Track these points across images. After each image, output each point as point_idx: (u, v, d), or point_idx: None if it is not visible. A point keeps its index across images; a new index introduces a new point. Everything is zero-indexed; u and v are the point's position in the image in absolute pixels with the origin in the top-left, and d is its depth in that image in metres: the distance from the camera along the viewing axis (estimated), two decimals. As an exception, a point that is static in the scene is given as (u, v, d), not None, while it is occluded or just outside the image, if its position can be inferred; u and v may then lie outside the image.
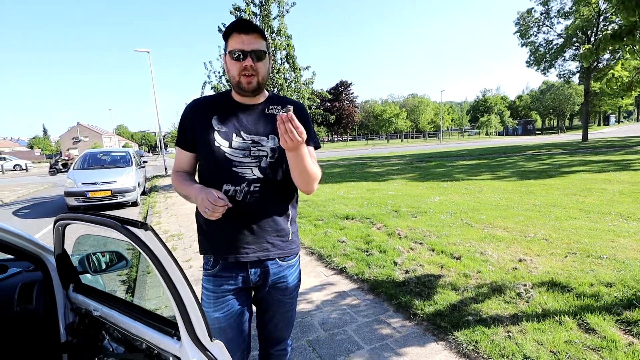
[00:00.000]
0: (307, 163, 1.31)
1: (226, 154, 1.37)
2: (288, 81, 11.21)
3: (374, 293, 3.36)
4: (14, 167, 32.27)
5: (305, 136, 1.19)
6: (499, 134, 66.01)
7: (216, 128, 1.39)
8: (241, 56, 1.32)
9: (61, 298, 1.65)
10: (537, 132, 67.20)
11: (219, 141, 1.37)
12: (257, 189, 1.37)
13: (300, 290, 3.46)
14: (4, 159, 33.67)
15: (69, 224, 1.47)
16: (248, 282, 1.45)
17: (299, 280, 1.61)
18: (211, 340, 1.14)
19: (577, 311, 2.68)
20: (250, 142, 1.38)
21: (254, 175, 1.37)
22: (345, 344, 2.59)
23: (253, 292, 1.55)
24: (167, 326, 1.23)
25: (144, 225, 1.05)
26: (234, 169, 1.36)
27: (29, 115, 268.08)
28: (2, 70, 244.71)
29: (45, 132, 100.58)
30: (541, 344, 2.35)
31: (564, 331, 2.47)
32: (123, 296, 3.74)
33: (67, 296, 1.64)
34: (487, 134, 62.88)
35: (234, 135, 1.38)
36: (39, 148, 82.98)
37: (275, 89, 11.21)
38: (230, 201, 1.33)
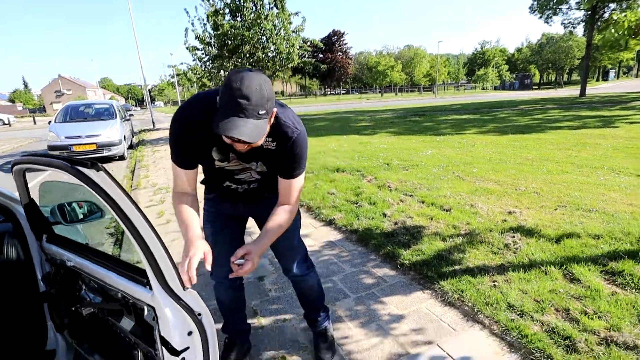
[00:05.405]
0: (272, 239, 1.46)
1: (226, 169, 1.48)
2: (277, 28, 10.62)
3: (362, 244, 3.35)
4: (-4, 122, 31.26)
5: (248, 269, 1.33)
6: (496, 88, 65.02)
7: (215, 158, 1.41)
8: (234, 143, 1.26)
9: (35, 249, 1.64)
10: (534, 87, 66.29)
11: (218, 163, 1.45)
12: (255, 185, 1.56)
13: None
14: (-14, 112, 32.55)
15: (26, 168, 1.40)
16: (238, 212, 1.68)
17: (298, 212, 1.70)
18: (184, 289, 1.11)
19: (563, 262, 2.68)
20: (241, 167, 1.48)
21: (253, 177, 1.53)
22: (332, 293, 2.59)
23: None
24: (139, 275, 1.21)
25: (94, 165, 0.97)
26: (236, 176, 1.51)
27: (6, 67, 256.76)
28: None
29: (25, 85, 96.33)
30: (525, 293, 2.36)
31: (549, 281, 2.48)
32: (110, 249, 3.70)
33: (41, 247, 1.63)
34: (483, 89, 61.90)
35: (230, 157, 1.42)
36: (21, 102, 79.96)
37: (264, 37, 10.65)
38: (231, 192, 1.58)
